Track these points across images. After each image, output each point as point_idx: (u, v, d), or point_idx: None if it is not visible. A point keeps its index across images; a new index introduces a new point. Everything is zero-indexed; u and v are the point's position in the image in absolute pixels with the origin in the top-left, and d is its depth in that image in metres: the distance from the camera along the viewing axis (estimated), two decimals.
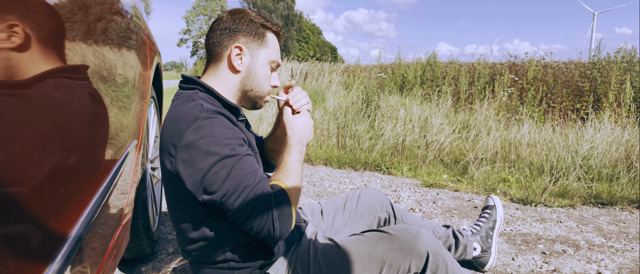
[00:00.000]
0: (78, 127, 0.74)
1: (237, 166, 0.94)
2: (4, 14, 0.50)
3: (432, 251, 1.05)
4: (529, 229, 2.31)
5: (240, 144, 0.99)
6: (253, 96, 1.13)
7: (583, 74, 5.66)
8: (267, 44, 1.11)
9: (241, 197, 0.93)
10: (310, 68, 9.48)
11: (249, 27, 1.08)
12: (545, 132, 4.15)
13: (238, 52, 1.08)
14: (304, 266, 1.09)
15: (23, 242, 0.54)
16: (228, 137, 0.96)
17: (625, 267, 1.85)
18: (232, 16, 1.10)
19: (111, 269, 1.05)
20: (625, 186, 2.93)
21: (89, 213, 0.77)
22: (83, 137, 0.77)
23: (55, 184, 0.63)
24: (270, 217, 0.93)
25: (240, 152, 0.97)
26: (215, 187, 0.93)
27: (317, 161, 3.85)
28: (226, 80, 1.10)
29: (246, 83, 1.11)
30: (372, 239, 1.09)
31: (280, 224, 0.94)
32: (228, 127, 0.98)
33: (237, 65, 1.08)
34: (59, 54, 0.65)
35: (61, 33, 0.66)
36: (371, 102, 5.17)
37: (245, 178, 0.94)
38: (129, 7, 1.36)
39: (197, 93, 1.06)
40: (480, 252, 1.62)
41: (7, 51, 0.50)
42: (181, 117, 0.98)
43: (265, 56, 1.11)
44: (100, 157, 0.88)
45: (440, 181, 3.19)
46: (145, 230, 1.69)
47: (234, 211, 0.94)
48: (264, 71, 1.12)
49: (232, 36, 1.08)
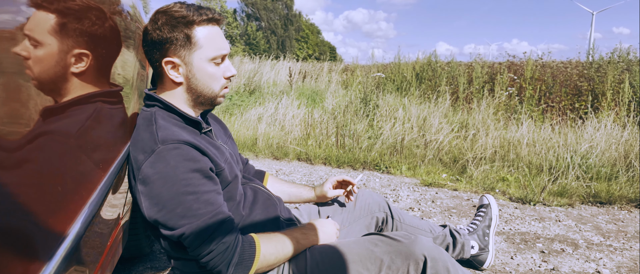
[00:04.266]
0: (76, 126, 0.74)
1: (195, 205, 0.91)
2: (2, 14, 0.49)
3: (430, 256, 1.04)
4: (528, 228, 2.31)
5: (201, 178, 0.94)
6: (204, 100, 1.08)
7: (581, 73, 5.67)
8: (198, 44, 1.00)
9: (199, 238, 0.90)
10: (309, 68, 9.48)
11: (172, 33, 0.98)
12: (544, 131, 4.15)
13: (172, 66, 1.02)
14: (300, 266, 1.07)
15: (22, 241, 0.54)
16: (186, 172, 0.91)
17: (623, 266, 1.86)
18: (153, 26, 1.00)
19: (110, 268, 1.05)
20: (624, 185, 2.93)
21: (87, 212, 0.77)
22: (81, 136, 0.77)
23: (53, 183, 0.63)
24: (227, 261, 0.91)
25: (200, 189, 0.93)
26: (171, 224, 0.91)
27: (316, 160, 3.85)
28: (174, 93, 1.06)
29: (192, 91, 1.05)
30: (371, 241, 1.09)
31: (234, 271, 0.91)
32: (188, 159, 0.93)
33: (175, 78, 1.03)
34: (57, 54, 0.64)
35: (60, 32, 0.66)
36: (370, 102, 5.18)
37: (204, 218, 0.91)
38: (128, 6, 1.35)
39: (156, 112, 1.02)
40: (478, 250, 1.63)
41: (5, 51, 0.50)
42: (139, 146, 0.96)
43: (201, 57, 1.02)
44: (98, 156, 0.88)
45: (439, 180, 3.19)
46: (144, 229, 1.69)
47: (193, 250, 0.92)
48: (205, 72, 1.03)
49: (160, 50, 1.01)
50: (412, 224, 1.52)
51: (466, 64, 6.97)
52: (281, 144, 4.28)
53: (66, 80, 0.69)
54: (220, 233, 0.92)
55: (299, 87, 6.99)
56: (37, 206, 0.58)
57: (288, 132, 4.68)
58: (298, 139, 4.48)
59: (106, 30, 0.99)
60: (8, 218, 0.50)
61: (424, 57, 7.22)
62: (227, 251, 0.91)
